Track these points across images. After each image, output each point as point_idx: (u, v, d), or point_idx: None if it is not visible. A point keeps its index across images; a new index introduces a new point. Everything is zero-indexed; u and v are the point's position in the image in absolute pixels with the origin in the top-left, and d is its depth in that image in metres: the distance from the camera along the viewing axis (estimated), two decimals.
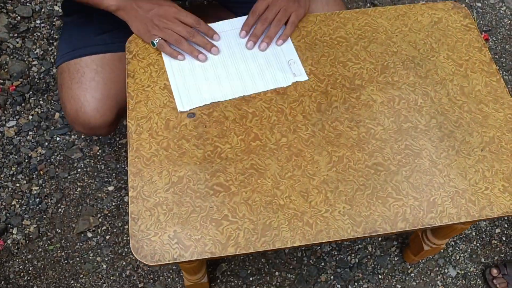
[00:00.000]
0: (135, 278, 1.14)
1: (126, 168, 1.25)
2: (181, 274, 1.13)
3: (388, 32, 0.85)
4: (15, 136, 1.28)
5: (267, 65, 0.79)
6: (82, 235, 1.16)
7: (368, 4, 1.57)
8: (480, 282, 1.16)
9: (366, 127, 0.75)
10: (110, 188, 1.23)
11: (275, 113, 0.76)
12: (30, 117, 1.30)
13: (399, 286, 1.16)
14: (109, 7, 0.80)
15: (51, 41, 1.41)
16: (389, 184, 0.70)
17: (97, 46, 0.90)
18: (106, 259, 1.15)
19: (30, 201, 1.20)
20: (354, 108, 0.77)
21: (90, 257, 1.14)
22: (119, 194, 1.23)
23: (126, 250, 1.17)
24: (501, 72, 1.46)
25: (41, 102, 1.33)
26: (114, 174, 1.25)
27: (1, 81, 1.34)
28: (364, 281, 1.16)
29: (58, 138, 1.28)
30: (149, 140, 0.73)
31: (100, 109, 0.88)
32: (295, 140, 0.74)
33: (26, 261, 1.13)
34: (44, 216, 1.18)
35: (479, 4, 1.61)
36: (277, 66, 0.79)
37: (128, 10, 0.80)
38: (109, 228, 1.18)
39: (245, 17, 0.83)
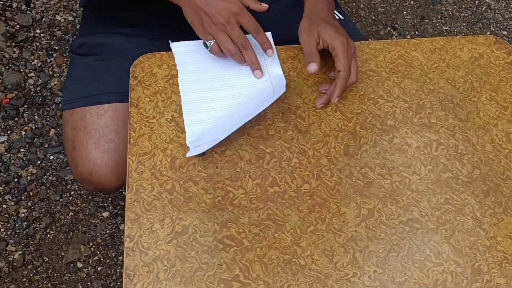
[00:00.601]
0: None
1: (123, 192, 1.16)
2: None
3: (423, 67, 0.76)
4: (5, 153, 1.18)
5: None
6: (72, 265, 1.06)
7: (388, 28, 1.49)
8: None
9: (400, 175, 0.66)
10: (105, 214, 1.14)
11: (296, 154, 0.67)
12: (23, 132, 1.21)
13: None
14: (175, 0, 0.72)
15: (50, 52, 1.33)
16: (427, 245, 0.61)
17: (117, 93, 0.80)
18: None
19: (17, 225, 1.10)
20: (386, 153, 0.68)
21: None
22: (114, 221, 1.13)
23: (119, 284, 1.07)
24: None
25: (36, 117, 1.23)
26: (110, 199, 1.15)
27: None
28: None
29: (51, 157, 1.19)
30: (151, 181, 0.64)
31: (117, 171, 0.79)
32: (319, 188, 0.64)
33: None
34: (31, 242, 1.08)
35: (505, 33, 1.53)
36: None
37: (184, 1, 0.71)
38: (102, 259, 1.08)
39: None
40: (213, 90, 0.72)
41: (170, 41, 0.75)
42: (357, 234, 0.61)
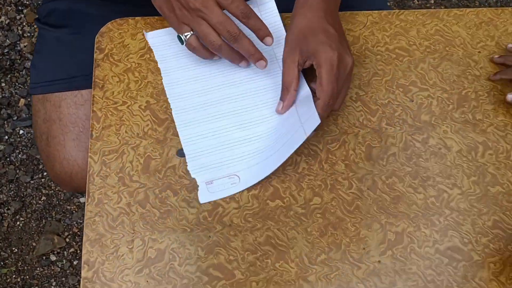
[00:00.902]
0: None
1: None
2: None
3: (467, 46, 0.61)
4: None
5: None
6: (44, 257, 0.94)
7: None
8: None
9: (437, 188, 0.52)
10: (82, 199, 1.00)
11: (305, 157, 0.53)
12: None
13: None
14: None
15: (20, 8, 1.15)
16: (471, 284, 0.48)
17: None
18: None
19: None
20: (419, 158, 0.54)
21: (52, 286, 0.93)
22: None
23: None
24: None
25: (3, 85, 1.07)
26: None
27: None
28: None
29: (21, 131, 1.04)
30: (118, 189, 0.50)
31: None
32: (333, 203, 0.51)
33: None
34: None
35: None
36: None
37: None
38: (78, 251, 0.96)
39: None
40: (208, 106, 0.55)
41: (144, 32, 0.58)
42: (381, 267, 0.48)
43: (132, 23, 0.59)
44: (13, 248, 0.95)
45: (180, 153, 0.52)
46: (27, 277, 0.93)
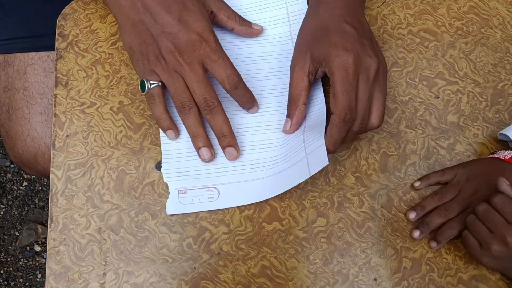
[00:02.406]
0: None
1: None
2: None
3: (507, 27, 0.50)
4: None
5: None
6: (28, 248, 0.89)
7: None
8: None
9: None
10: None
11: None
12: None
13: None
14: None
15: None
16: None
17: None
18: None
19: None
20: (444, 167, 0.45)
21: (38, 279, 0.88)
22: None
23: None
24: None
25: None
26: None
27: None
28: None
29: None
30: (86, 211, 0.42)
31: None
32: (340, 224, 0.43)
33: None
34: None
35: None
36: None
37: (122, 2, 0.42)
38: None
39: None
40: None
41: None
42: None
43: (101, 2, 0.49)
44: None
45: (160, 166, 0.43)
46: (11, 269, 0.88)
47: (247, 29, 0.46)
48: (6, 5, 0.58)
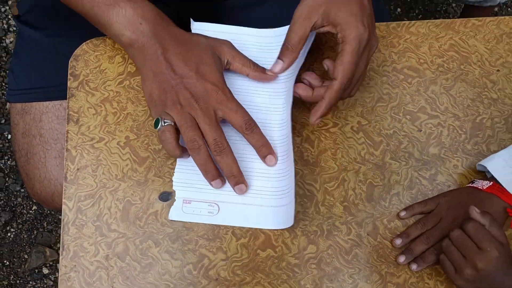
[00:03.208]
0: None
1: None
2: None
3: (485, 64, 0.54)
4: None
5: None
6: (36, 271, 0.92)
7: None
8: None
9: None
10: None
11: (299, 198, 0.48)
12: None
13: None
14: (119, 37, 0.47)
15: None
16: None
17: None
18: None
19: None
20: (426, 197, 0.49)
21: None
22: None
23: None
24: None
25: None
26: None
27: None
28: None
29: (10, 136, 1.00)
30: (95, 239, 0.45)
31: None
32: (330, 251, 0.46)
33: None
34: None
35: None
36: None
37: (145, 54, 0.46)
38: None
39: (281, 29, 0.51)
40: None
41: (192, 20, 0.52)
42: None
43: (110, 43, 0.53)
44: (5, 261, 0.93)
45: (163, 196, 0.47)
46: None
47: (261, 74, 0.49)
48: (22, 57, 0.63)
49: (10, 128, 0.67)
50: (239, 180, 0.45)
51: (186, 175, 0.47)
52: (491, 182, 0.47)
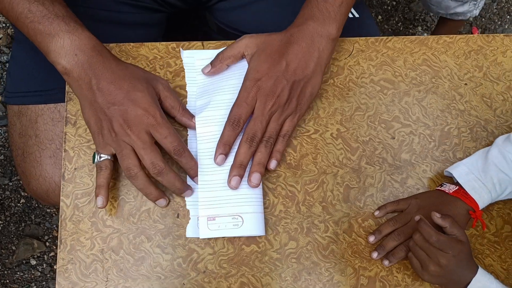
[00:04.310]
0: None
1: None
2: None
3: (454, 78, 0.59)
4: None
5: None
6: (24, 262, 0.94)
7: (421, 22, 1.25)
8: None
9: None
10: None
11: (282, 199, 0.52)
12: None
13: None
14: (55, 64, 0.48)
15: None
16: None
17: None
18: None
19: None
20: (396, 199, 0.53)
21: None
22: None
23: None
24: None
25: None
26: None
27: None
28: None
29: None
30: (91, 234, 0.49)
31: None
32: (309, 247, 0.51)
33: None
34: None
35: None
36: None
37: (80, 83, 0.48)
38: None
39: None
40: None
41: (181, 49, 0.55)
42: None
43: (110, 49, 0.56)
44: None
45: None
46: (8, 281, 0.93)
47: (187, 121, 0.52)
48: (19, 61, 0.65)
49: (7, 119, 0.69)
50: (182, 190, 0.48)
51: (209, 193, 0.49)
52: (457, 187, 0.52)
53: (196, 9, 0.72)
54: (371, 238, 0.51)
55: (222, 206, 0.49)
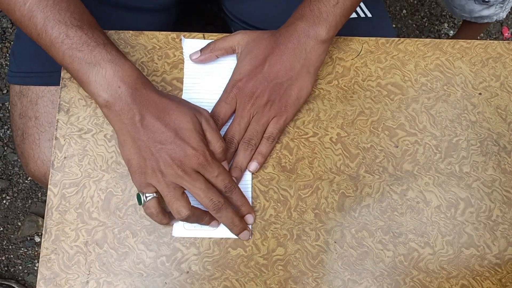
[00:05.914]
0: None
1: None
2: None
3: (467, 86, 0.55)
4: None
5: None
6: (28, 238, 0.96)
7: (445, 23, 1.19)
8: None
9: (408, 246, 0.49)
10: None
11: (273, 203, 0.50)
12: None
13: None
14: (96, 97, 0.45)
15: None
16: None
17: None
18: None
19: None
20: (394, 212, 0.51)
21: (35, 267, 0.95)
22: None
23: None
24: None
25: None
26: None
27: None
28: None
29: (9, 106, 1.03)
30: (76, 225, 0.48)
31: None
32: (297, 255, 0.49)
33: None
34: None
35: None
36: None
37: (123, 118, 0.45)
38: None
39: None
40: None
41: (182, 37, 0.53)
42: None
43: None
44: None
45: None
46: (12, 256, 0.95)
47: (220, 155, 0.48)
48: (22, 40, 0.64)
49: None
50: (241, 228, 0.47)
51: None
52: None
53: None
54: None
55: (199, 204, 0.48)
